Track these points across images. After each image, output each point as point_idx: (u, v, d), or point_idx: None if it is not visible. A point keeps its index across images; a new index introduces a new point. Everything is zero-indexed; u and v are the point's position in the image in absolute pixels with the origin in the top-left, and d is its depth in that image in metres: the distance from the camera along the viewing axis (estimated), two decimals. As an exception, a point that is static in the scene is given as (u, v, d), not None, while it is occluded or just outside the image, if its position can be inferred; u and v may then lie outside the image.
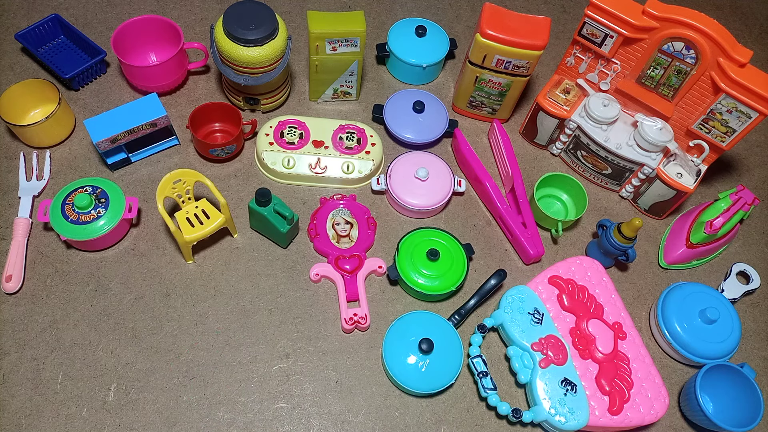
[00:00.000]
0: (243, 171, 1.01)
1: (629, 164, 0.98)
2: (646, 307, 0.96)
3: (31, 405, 0.80)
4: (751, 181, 1.11)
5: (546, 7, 1.29)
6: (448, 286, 0.89)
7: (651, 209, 1.02)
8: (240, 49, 0.92)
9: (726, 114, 0.87)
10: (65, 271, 0.90)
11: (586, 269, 0.92)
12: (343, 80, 1.05)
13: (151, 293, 0.89)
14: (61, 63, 1.07)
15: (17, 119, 0.98)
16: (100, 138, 0.91)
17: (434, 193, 0.97)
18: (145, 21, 1.04)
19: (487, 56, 0.96)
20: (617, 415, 0.81)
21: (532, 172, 1.06)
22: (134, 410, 0.81)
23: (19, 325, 0.85)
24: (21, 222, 0.91)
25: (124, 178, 0.98)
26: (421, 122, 1.04)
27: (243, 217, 0.96)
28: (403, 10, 1.24)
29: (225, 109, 1.00)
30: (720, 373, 0.85)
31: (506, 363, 0.89)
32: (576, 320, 0.87)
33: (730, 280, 0.98)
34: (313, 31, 0.94)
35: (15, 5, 1.15)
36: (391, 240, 0.97)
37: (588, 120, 0.97)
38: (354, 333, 0.89)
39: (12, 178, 0.97)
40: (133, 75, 1.03)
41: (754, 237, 1.05)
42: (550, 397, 0.81)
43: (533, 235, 0.95)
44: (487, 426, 0.84)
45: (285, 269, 0.93)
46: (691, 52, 0.87)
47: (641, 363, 0.85)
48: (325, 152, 0.99)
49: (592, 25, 0.91)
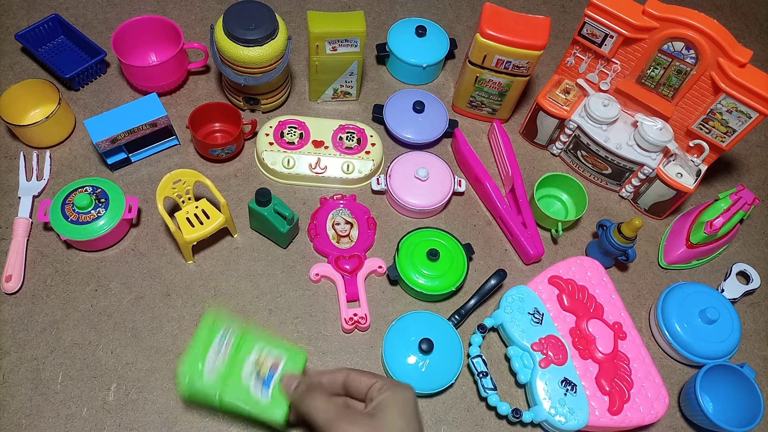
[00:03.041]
0: (243, 171, 1.01)
1: (629, 164, 0.98)
2: (646, 307, 0.96)
3: (31, 405, 0.80)
4: (751, 181, 1.11)
5: (546, 7, 1.29)
6: (448, 286, 0.89)
7: (651, 209, 1.02)
8: (240, 49, 0.92)
9: (726, 114, 0.88)
10: (65, 271, 0.90)
11: (586, 269, 0.92)
12: (343, 80, 1.05)
13: (151, 293, 0.89)
14: (61, 63, 1.07)
15: (17, 119, 0.98)
16: (100, 138, 0.91)
17: (434, 193, 0.97)
18: (145, 21, 1.04)
19: (487, 56, 0.96)
20: (617, 415, 0.81)
21: (532, 172, 1.06)
22: (134, 410, 0.81)
23: (19, 325, 0.85)
24: (21, 222, 0.91)
25: (124, 178, 0.98)
26: (421, 122, 1.04)
27: (243, 217, 0.96)
28: (403, 10, 1.24)
29: (225, 109, 1.00)
30: (720, 373, 0.85)
31: (506, 363, 0.89)
32: (576, 320, 0.87)
33: (730, 280, 0.98)
34: (313, 31, 0.94)
35: (15, 5, 1.15)
36: (391, 240, 0.97)
37: (588, 120, 0.97)
38: (354, 333, 0.89)
39: (12, 178, 0.97)
40: (133, 75, 1.03)
41: (754, 237, 1.05)
42: (550, 397, 0.81)
43: (533, 235, 0.95)
44: (487, 426, 0.84)
45: (285, 269, 0.93)
46: (691, 52, 0.87)
47: (641, 363, 0.85)
48: (325, 152, 0.99)
49: (592, 25, 0.91)
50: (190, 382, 0.64)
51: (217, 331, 0.67)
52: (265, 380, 0.66)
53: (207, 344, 0.67)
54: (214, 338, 0.67)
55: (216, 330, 0.67)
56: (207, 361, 0.65)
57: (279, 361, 0.67)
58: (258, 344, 0.67)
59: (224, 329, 0.68)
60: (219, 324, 0.67)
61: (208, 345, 0.66)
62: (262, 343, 0.68)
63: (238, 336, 0.68)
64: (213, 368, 0.66)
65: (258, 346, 0.67)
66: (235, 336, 0.67)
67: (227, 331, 0.67)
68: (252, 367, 0.67)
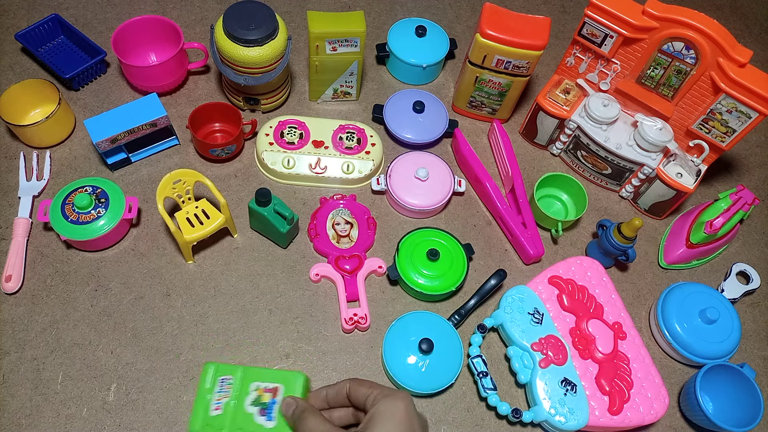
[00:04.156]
0: (243, 171, 1.01)
1: (629, 164, 0.98)
2: (646, 307, 0.96)
3: (31, 405, 0.80)
4: (751, 181, 1.11)
5: (546, 7, 1.29)
6: (448, 286, 0.89)
7: (651, 209, 1.02)
8: (240, 49, 0.92)
9: (726, 114, 0.88)
10: (65, 271, 0.90)
11: (586, 269, 0.92)
12: (343, 80, 1.05)
13: (151, 293, 0.89)
14: (61, 63, 1.07)
15: (17, 119, 0.98)
16: (100, 138, 0.91)
17: (434, 193, 0.97)
18: (145, 21, 1.04)
19: (487, 56, 0.96)
20: (617, 415, 0.81)
21: (532, 172, 1.06)
22: (134, 410, 0.81)
23: (19, 325, 0.85)
24: (21, 222, 0.91)
25: (124, 178, 0.98)
26: (421, 122, 1.04)
27: (243, 217, 0.96)
28: (403, 10, 1.24)
29: (225, 109, 1.00)
30: (720, 373, 0.85)
31: (506, 363, 0.89)
32: (576, 320, 0.87)
33: (730, 280, 0.98)
34: (313, 31, 0.94)
35: (15, 5, 1.15)
36: (391, 240, 0.97)
37: (588, 120, 0.97)
38: (354, 333, 0.89)
39: (12, 178, 0.97)
40: (133, 75, 1.03)
41: (754, 237, 1.05)
42: (550, 397, 0.81)
43: (533, 235, 0.95)
44: (487, 426, 0.84)
45: (285, 269, 0.93)
46: (691, 52, 0.87)
47: (641, 363, 0.85)
48: (325, 152, 0.99)
49: (592, 25, 0.91)
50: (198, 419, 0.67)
51: (217, 380, 0.71)
52: (268, 408, 0.68)
53: (210, 390, 0.70)
54: (216, 385, 0.70)
55: (216, 379, 0.70)
56: (212, 402, 0.68)
57: (278, 388, 0.69)
58: (256, 379, 0.70)
59: (223, 376, 0.71)
60: (218, 373, 0.71)
61: (211, 390, 0.70)
62: (260, 377, 0.71)
63: (238, 378, 0.70)
64: (219, 406, 0.69)
65: (257, 380, 0.70)
66: (234, 378, 0.70)
67: (226, 377, 0.71)
68: (254, 398, 0.69)
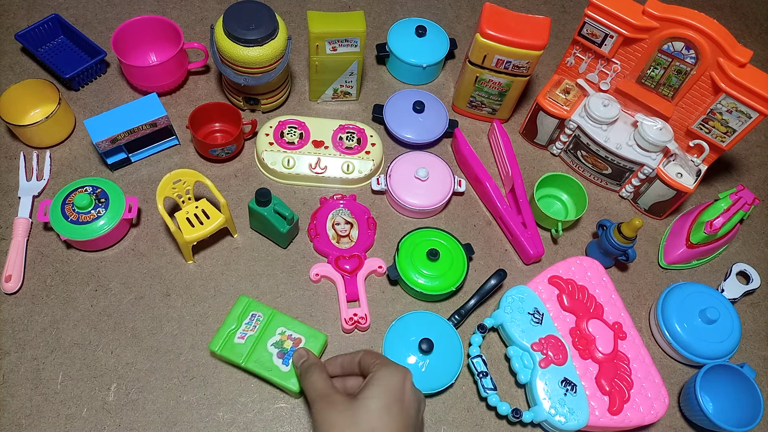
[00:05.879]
0: (243, 171, 1.01)
1: (629, 164, 0.98)
2: (646, 307, 0.96)
3: (31, 405, 0.80)
4: (751, 181, 1.11)
5: (546, 7, 1.29)
6: (448, 286, 0.89)
7: (651, 209, 1.02)
8: (240, 49, 0.92)
9: (726, 114, 0.88)
10: (65, 271, 0.90)
11: (586, 269, 0.92)
12: (343, 80, 1.05)
13: (151, 293, 0.89)
14: (61, 63, 1.07)
15: (17, 119, 0.98)
16: (100, 138, 0.91)
17: (434, 193, 0.97)
18: (145, 21, 1.04)
19: (487, 56, 0.96)
20: (617, 415, 0.81)
21: (532, 172, 1.06)
22: (134, 410, 0.81)
23: (19, 325, 0.85)
24: (21, 222, 0.91)
25: (124, 178, 0.98)
26: (421, 122, 1.04)
27: (243, 217, 0.96)
28: (403, 10, 1.24)
29: (225, 109, 1.00)
30: (720, 373, 0.85)
31: (506, 363, 0.89)
32: (576, 320, 0.87)
33: (730, 280, 0.98)
34: (313, 31, 0.94)
35: (15, 5, 1.15)
36: (391, 240, 0.97)
37: (588, 120, 0.97)
38: (354, 333, 0.89)
39: (12, 178, 0.97)
40: (133, 75, 1.03)
41: (754, 237, 1.05)
42: (550, 397, 0.81)
43: (533, 235, 0.95)
44: (487, 426, 0.84)
45: (285, 269, 0.93)
46: (691, 52, 0.87)
47: (641, 363, 0.85)
48: (325, 152, 0.99)
49: (592, 25, 0.91)
50: (220, 340, 0.79)
51: (249, 312, 0.82)
52: (287, 354, 0.79)
53: (240, 319, 0.81)
54: (246, 317, 0.82)
55: (247, 311, 0.82)
56: (237, 331, 0.80)
57: (300, 339, 0.81)
58: (284, 325, 0.82)
59: (255, 312, 0.82)
60: (250, 307, 0.82)
61: (240, 320, 0.81)
62: (287, 324, 0.82)
63: (267, 317, 0.82)
64: (243, 336, 0.80)
65: (283, 326, 0.81)
66: (264, 317, 0.82)
67: (257, 313, 0.82)
68: (276, 340, 0.80)
